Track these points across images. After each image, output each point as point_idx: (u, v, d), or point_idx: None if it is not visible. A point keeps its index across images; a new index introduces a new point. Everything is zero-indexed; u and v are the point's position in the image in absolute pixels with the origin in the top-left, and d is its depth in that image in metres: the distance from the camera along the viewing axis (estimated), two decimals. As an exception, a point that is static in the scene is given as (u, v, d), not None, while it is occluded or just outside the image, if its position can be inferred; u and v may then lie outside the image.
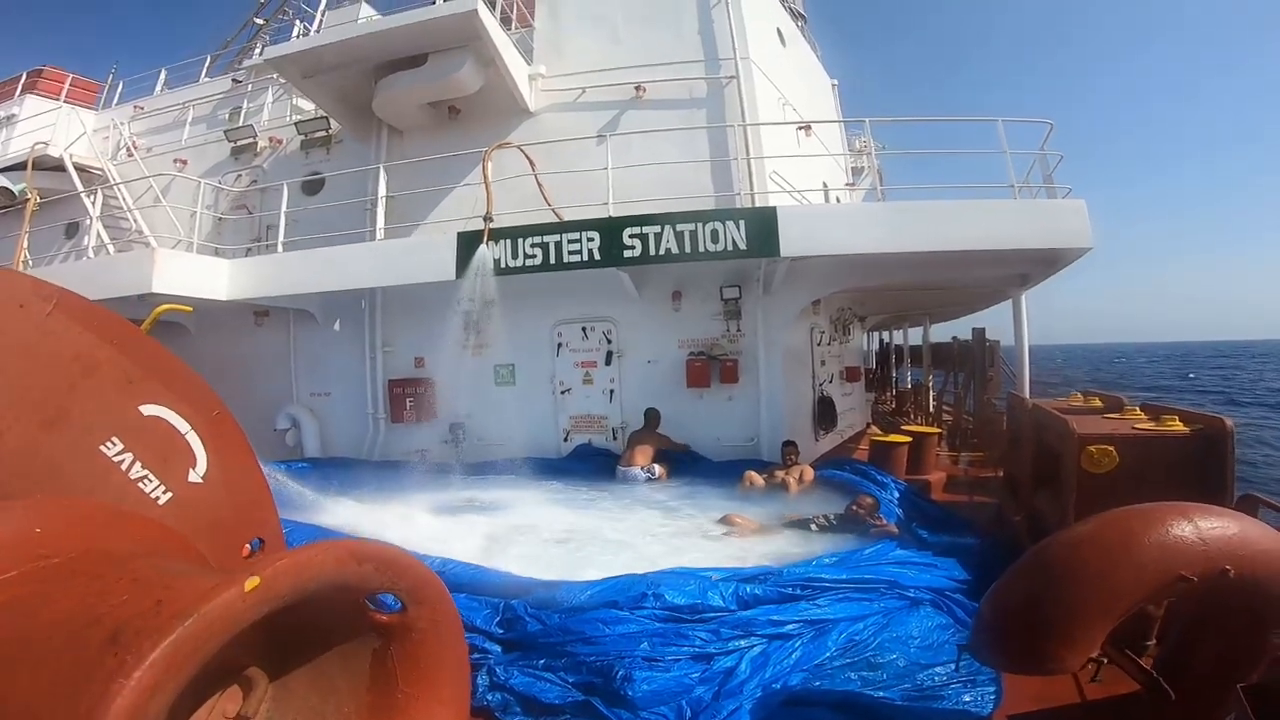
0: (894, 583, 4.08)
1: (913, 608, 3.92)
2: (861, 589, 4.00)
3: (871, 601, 3.90)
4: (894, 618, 3.77)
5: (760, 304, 8.59)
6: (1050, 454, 4.94)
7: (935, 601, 4.03)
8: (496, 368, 9.41)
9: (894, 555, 4.55)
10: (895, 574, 4.18)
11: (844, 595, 3.92)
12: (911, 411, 15.04)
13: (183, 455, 2.48)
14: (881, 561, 4.41)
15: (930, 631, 3.74)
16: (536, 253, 7.77)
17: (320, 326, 10.04)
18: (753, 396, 8.65)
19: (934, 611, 3.93)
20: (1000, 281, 8.77)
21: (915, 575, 4.24)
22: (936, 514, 6.37)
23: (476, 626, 3.94)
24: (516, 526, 6.47)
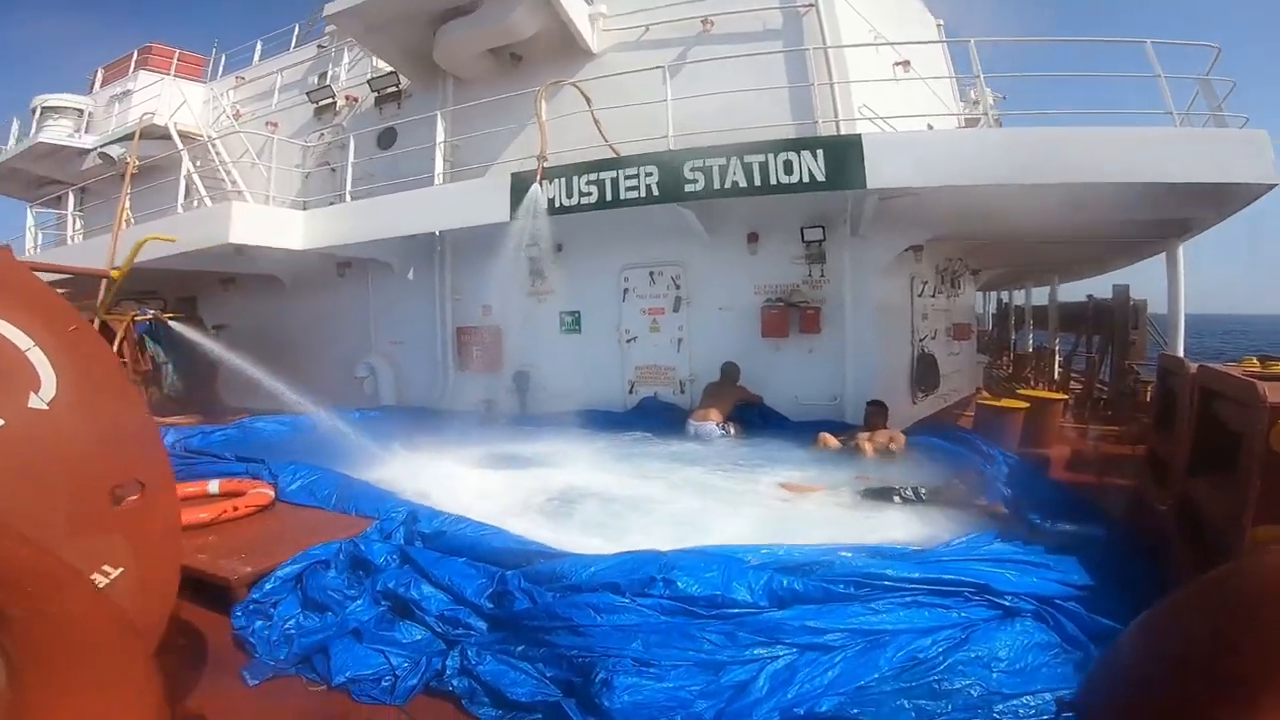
0: (985, 586, 3.12)
1: (1005, 620, 2.98)
2: (938, 591, 3.09)
3: (949, 609, 2.99)
4: (977, 632, 2.86)
5: (848, 247, 7.57)
6: (1220, 429, 3.75)
7: (1039, 613, 3.05)
8: (561, 315, 9.06)
9: (991, 549, 3.54)
10: (988, 575, 3.20)
11: (913, 599, 3.03)
12: (1032, 377, 13.20)
13: (20, 376, 2.02)
14: (973, 556, 3.43)
15: (1024, 652, 2.80)
16: (592, 190, 7.27)
17: (396, 276, 10.10)
18: (837, 350, 7.66)
19: (1034, 625, 2.97)
20: (1152, 229, 7.39)
21: (1016, 578, 3.23)
22: (1055, 496, 5.18)
23: (466, 599, 3.43)
24: (562, 484, 5.95)
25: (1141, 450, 6.77)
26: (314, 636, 3.26)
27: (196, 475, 5.73)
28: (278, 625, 3.35)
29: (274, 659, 3.15)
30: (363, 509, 4.71)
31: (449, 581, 3.54)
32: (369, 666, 3.05)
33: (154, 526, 2.31)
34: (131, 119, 12.83)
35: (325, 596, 3.49)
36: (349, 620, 3.36)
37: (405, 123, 10.24)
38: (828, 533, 4.45)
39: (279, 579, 3.60)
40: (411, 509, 4.48)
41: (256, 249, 9.28)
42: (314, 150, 11.43)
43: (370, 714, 2.84)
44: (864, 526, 4.54)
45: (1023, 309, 17.34)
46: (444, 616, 3.36)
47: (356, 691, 2.94)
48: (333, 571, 3.68)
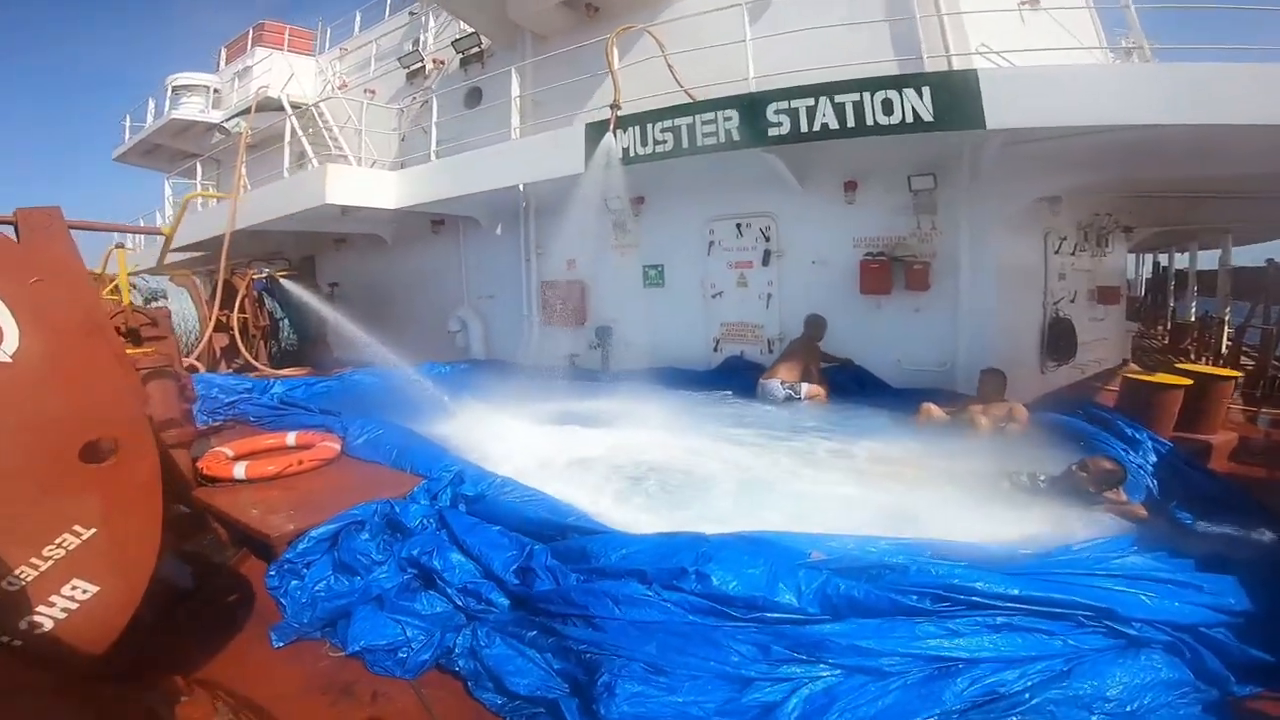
0: (1108, 611, 2.44)
1: (1125, 651, 2.34)
2: (1043, 613, 2.44)
3: (1053, 636, 2.36)
4: (1084, 665, 2.25)
5: (965, 196, 6.55)
6: None
7: (1173, 644, 2.38)
8: (645, 268, 8.71)
9: (1125, 563, 2.78)
10: (1115, 596, 2.50)
11: (1005, 621, 2.41)
12: (1192, 350, 11.43)
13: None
14: (1098, 570, 2.70)
15: (1140, 691, 2.19)
16: (667, 138, 6.79)
17: (484, 231, 10.17)
18: (948, 310, 6.71)
19: (1164, 659, 2.32)
20: None
21: (1153, 601, 2.51)
22: (1215, 492, 4.24)
23: (493, 571, 3.18)
24: (628, 448, 5.61)
25: None
26: (339, 601, 3.15)
27: (283, 426, 5.94)
28: (308, 586, 3.25)
29: (300, 621, 3.06)
30: (417, 466, 4.59)
31: (479, 551, 3.30)
32: (385, 636, 2.90)
33: (130, 484, 2.19)
34: (250, 94, 13.70)
35: (354, 560, 3.34)
36: (372, 587, 3.21)
37: (485, 79, 10.14)
38: (914, 523, 3.83)
39: (313, 539, 3.49)
40: (459, 469, 4.29)
41: (356, 209, 9.67)
42: (408, 113, 11.69)
43: (380, 685, 2.69)
44: (961, 518, 3.83)
45: (1185, 273, 15.02)
46: (466, 589, 3.13)
47: (371, 661, 2.80)
48: (365, 534, 3.54)
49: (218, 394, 7.06)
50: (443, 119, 9.73)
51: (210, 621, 3.18)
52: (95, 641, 2.14)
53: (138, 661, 2.43)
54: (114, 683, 2.19)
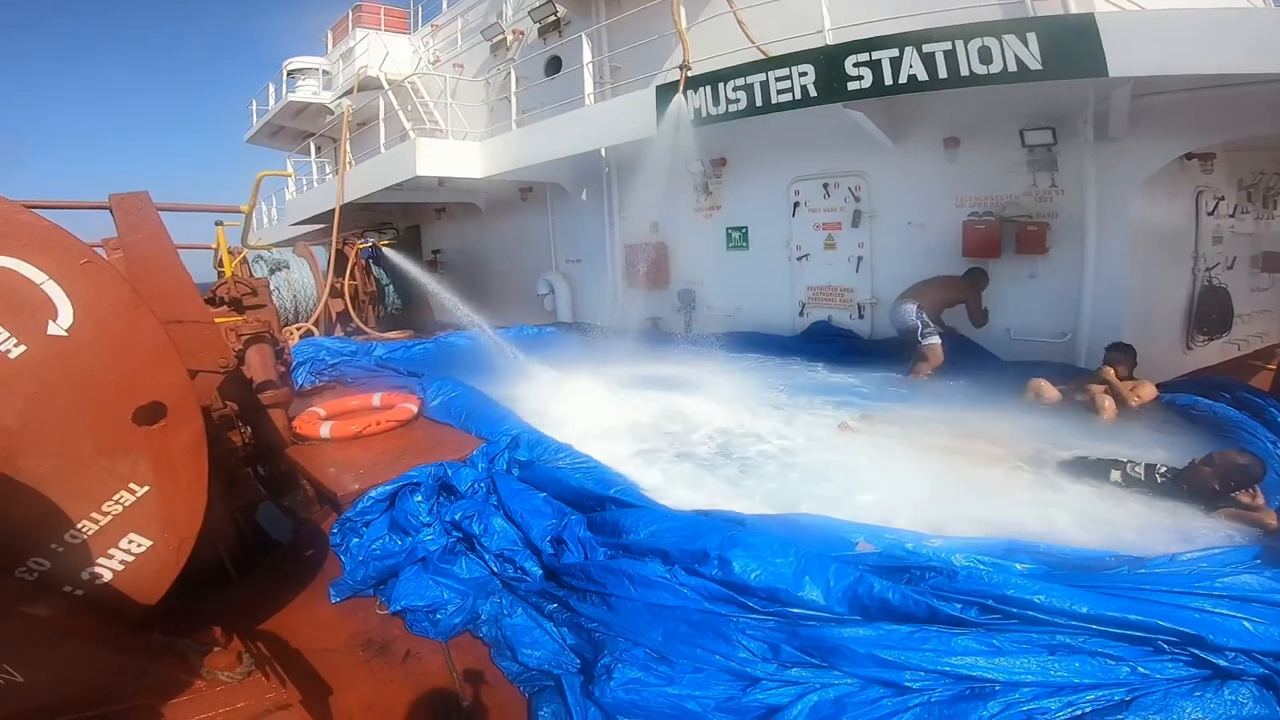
0: (1196, 638, 2.03)
1: (1207, 684, 1.94)
2: (1110, 635, 2.08)
3: (1120, 662, 1.99)
4: (1151, 696, 1.88)
5: (1091, 153, 5.74)
6: None
7: (1269, 678, 1.94)
8: (728, 230, 8.45)
9: (1234, 583, 2.25)
10: (1208, 620, 2.07)
11: (1064, 640, 2.06)
12: None
13: (38, 306, 2.08)
14: (1197, 589, 2.22)
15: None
16: (740, 97, 6.50)
17: (570, 197, 10.21)
18: (1071, 276, 5.96)
19: (1253, 693, 1.90)
20: None
21: (1257, 628, 2.06)
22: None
23: (530, 540, 3.19)
24: (697, 417, 5.47)
25: None
26: (390, 560, 3.26)
27: (375, 388, 6.27)
28: (365, 545, 3.38)
29: (355, 579, 3.20)
30: (480, 429, 4.69)
31: (521, 518, 3.32)
32: (425, 598, 2.98)
33: (177, 446, 2.34)
34: (353, 74, 14.34)
35: (406, 521, 3.45)
36: (419, 549, 3.29)
37: (562, 45, 10.03)
38: (995, 514, 3.44)
39: (372, 499, 3.60)
40: (517, 434, 4.34)
41: (451, 180, 10.02)
42: (493, 85, 11.84)
43: (415, 645, 2.78)
44: (1049, 515, 3.40)
45: None
46: (502, 555, 3.16)
47: (410, 621, 2.90)
48: (419, 495, 3.65)
49: (324, 356, 7.56)
50: (524, 89, 9.82)
51: (286, 574, 3.39)
52: (150, 592, 2.31)
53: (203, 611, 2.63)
54: (159, 631, 2.37)
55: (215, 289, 5.47)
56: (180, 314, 3.51)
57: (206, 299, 4.92)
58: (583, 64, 8.64)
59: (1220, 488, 3.30)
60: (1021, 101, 5.73)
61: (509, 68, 10.17)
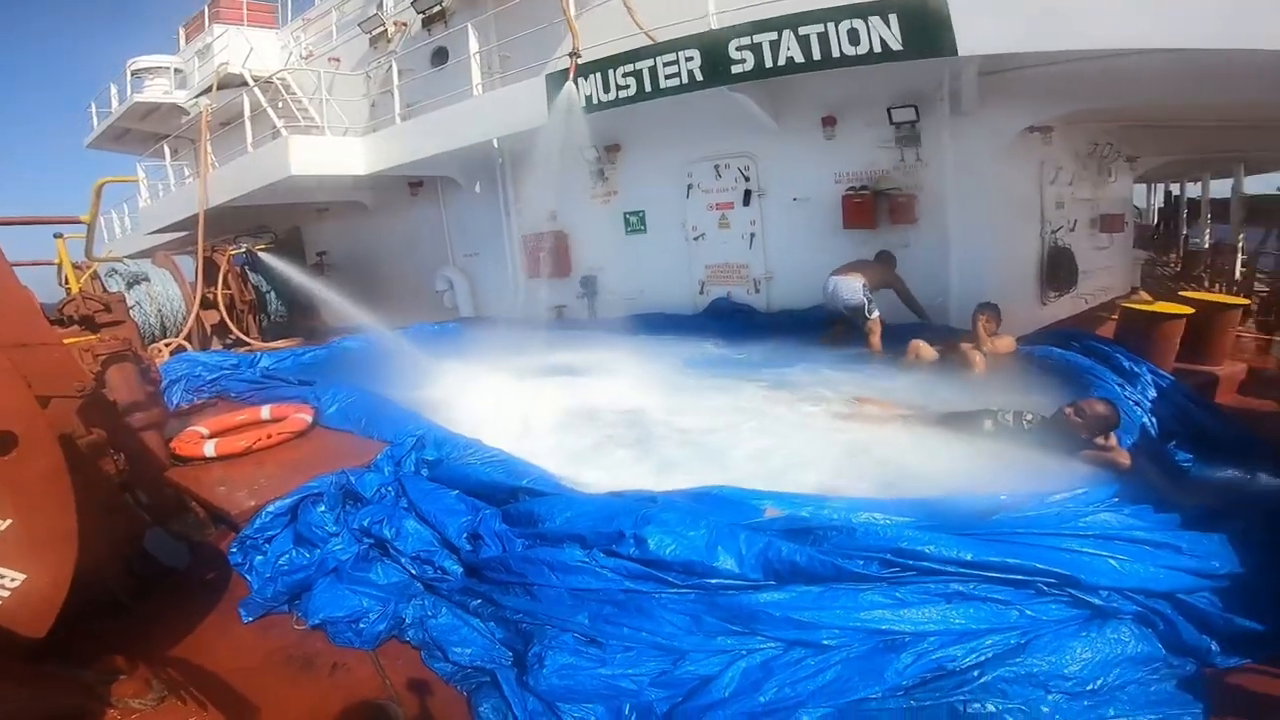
0: (1070, 579, 2.25)
1: (1090, 623, 2.16)
2: (996, 580, 2.27)
3: (1009, 606, 2.20)
4: (1042, 638, 2.08)
5: (948, 127, 6.27)
6: None
7: (1144, 615, 2.18)
8: (626, 215, 8.54)
9: (1097, 521, 2.55)
10: (1081, 561, 2.31)
11: (957, 589, 2.26)
12: (1206, 277, 11.23)
13: None
14: (1065, 530, 2.49)
15: (1104, 667, 2.01)
16: (629, 83, 6.61)
17: (463, 190, 9.95)
18: (939, 244, 6.47)
19: (1133, 631, 2.12)
20: None
21: (1123, 565, 2.31)
22: (1218, 431, 4.00)
23: (447, 539, 3.12)
24: (605, 400, 5.51)
25: None
26: (300, 574, 3.12)
27: (261, 399, 5.88)
28: (271, 561, 3.23)
29: (265, 596, 3.05)
30: (383, 433, 4.53)
31: (435, 518, 3.24)
32: (344, 608, 2.87)
33: (33, 475, 2.13)
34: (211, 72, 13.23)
35: (311, 533, 3.30)
36: (329, 559, 3.17)
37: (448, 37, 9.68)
38: (886, 471, 3.70)
39: (271, 514, 3.44)
40: (423, 434, 4.21)
41: (331, 178, 9.47)
42: (374, 79, 11.33)
43: (341, 657, 2.68)
44: (936, 466, 3.69)
45: (1197, 201, 14.58)
46: (419, 558, 3.08)
47: (332, 633, 2.79)
48: (322, 506, 3.48)
49: (200, 371, 7.00)
50: (409, 81, 9.50)
51: (187, 599, 3.19)
52: (33, 625, 2.14)
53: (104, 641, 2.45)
54: (57, 663, 2.20)
55: (62, 307, 4.93)
56: (23, 337, 3.14)
57: (53, 319, 4.45)
58: (470, 54, 8.40)
59: (1085, 434, 3.66)
60: (888, 81, 6.12)
61: (391, 60, 9.74)
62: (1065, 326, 6.75)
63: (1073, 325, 6.96)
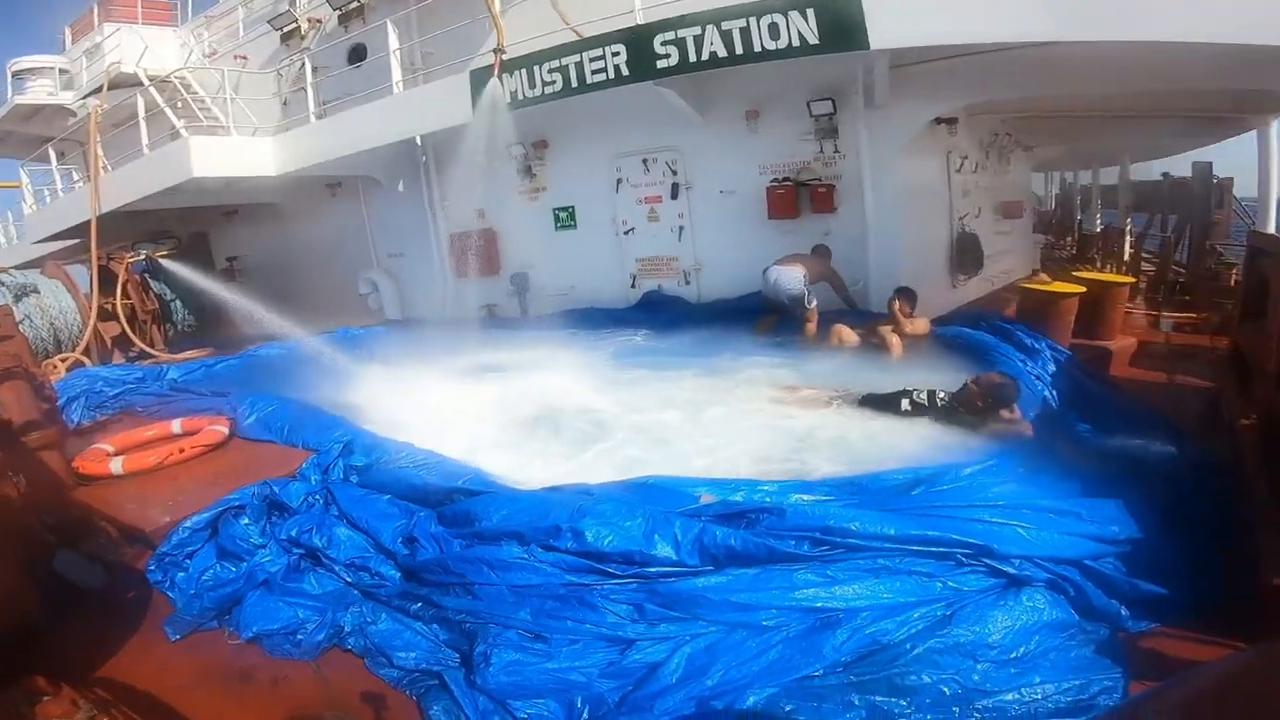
0: (985, 549, 2.39)
1: (1006, 592, 2.29)
2: (918, 553, 2.40)
3: (932, 578, 2.32)
4: (966, 609, 2.21)
5: (863, 119, 6.56)
6: None
7: (1055, 581, 2.34)
8: (555, 211, 8.48)
9: (1003, 491, 2.72)
10: (992, 531, 2.45)
11: (884, 564, 2.37)
12: (1099, 258, 12.02)
13: None
14: (977, 502, 2.64)
15: (1025, 635, 2.14)
16: (555, 78, 6.54)
17: (385, 189, 9.66)
18: (857, 231, 6.74)
19: (1047, 598, 2.28)
20: (1234, 103, 6.88)
21: (1030, 534, 2.46)
22: (1112, 400, 4.33)
23: (382, 544, 3.04)
24: (539, 396, 5.46)
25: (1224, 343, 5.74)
26: (227, 588, 3.01)
27: (171, 413, 5.54)
28: (194, 577, 3.11)
29: (191, 612, 2.94)
30: (308, 441, 4.37)
31: (367, 524, 3.17)
32: (279, 620, 2.78)
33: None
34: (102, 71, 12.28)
35: (235, 546, 3.18)
36: (257, 572, 3.06)
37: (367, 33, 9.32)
38: (816, 453, 3.86)
39: (189, 530, 3.29)
40: (349, 440, 4.09)
41: (239, 179, 9.00)
42: (286, 76, 10.80)
43: (280, 669, 2.60)
44: (860, 445, 3.87)
45: (1089, 188, 15.79)
46: (354, 565, 3.01)
47: (269, 646, 2.71)
48: (245, 518, 3.33)
49: (102, 387, 6.52)
50: (325, 78, 9.18)
51: (107, 620, 3.06)
52: None
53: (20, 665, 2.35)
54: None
55: (-62, 324, 4.50)
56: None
57: (-69, 339, 4.09)
58: (389, 51, 8.11)
59: (984, 405, 3.92)
60: (807, 75, 6.31)
61: (304, 58, 9.31)
62: (974, 308, 7.19)
63: (981, 306, 7.41)
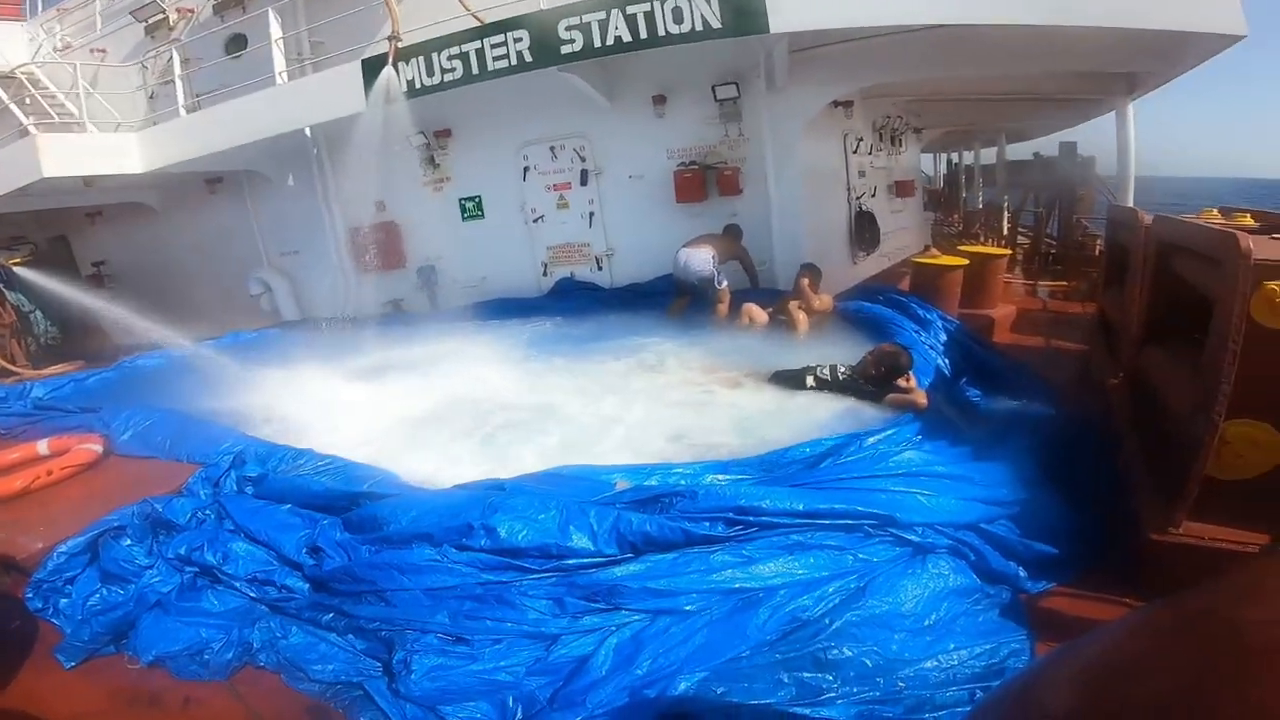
0: (889, 519, 2.49)
1: (913, 560, 2.39)
2: (828, 527, 2.46)
3: (843, 551, 2.38)
4: (877, 580, 2.28)
5: (765, 103, 6.72)
6: (1182, 291, 3.20)
7: (956, 548, 2.45)
8: (461, 201, 8.20)
9: (903, 460, 2.84)
10: (894, 500, 2.55)
11: (796, 540, 2.41)
12: (982, 233, 13.11)
13: None
14: (878, 472, 2.76)
15: (935, 602, 2.23)
16: (456, 65, 6.34)
17: (274, 184, 9.05)
18: (762, 212, 6.91)
19: (950, 564, 2.38)
20: (1096, 86, 7.37)
21: (929, 500, 2.57)
22: (997, 365, 4.62)
23: (286, 556, 2.85)
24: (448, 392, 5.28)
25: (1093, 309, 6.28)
26: (117, 612, 2.77)
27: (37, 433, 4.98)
28: (78, 603, 2.86)
29: (82, 639, 2.70)
30: (193, 454, 4.05)
31: (267, 536, 2.97)
32: (180, 641, 2.59)
33: None
34: None
35: (119, 568, 2.93)
36: (147, 593, 2.82)
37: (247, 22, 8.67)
38: (730, 430, 3.93)
39: (65, 554, 3.00)
40: (240, 450, 3.81)
41: (101, 178, 8.37)
42: (154, 69, 9.90)
43: (191, 690, 2.43)
44: (770, 422, 3.97)
45: (972, 168, 17.11)
46: (256, 579, 2.80)
47: (174, 668, 2.51)
48: (127, 539, 3.06)
49: (-47, 410, 5.80)
50: (197, 70, 8.59)
51: None
52: None
53: None
54: None
55: None
56: None
57: None
58: (271, 40, 7.61)
59: (878, 374, 4.11)
60: (712, 59, 6.41)
61: (172, 50, 8.61)
62: (873, 283, 7.54)
63: (879, 281, 7.80)
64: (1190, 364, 2.83)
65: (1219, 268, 2.35)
